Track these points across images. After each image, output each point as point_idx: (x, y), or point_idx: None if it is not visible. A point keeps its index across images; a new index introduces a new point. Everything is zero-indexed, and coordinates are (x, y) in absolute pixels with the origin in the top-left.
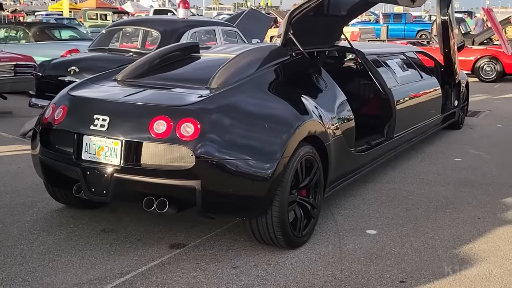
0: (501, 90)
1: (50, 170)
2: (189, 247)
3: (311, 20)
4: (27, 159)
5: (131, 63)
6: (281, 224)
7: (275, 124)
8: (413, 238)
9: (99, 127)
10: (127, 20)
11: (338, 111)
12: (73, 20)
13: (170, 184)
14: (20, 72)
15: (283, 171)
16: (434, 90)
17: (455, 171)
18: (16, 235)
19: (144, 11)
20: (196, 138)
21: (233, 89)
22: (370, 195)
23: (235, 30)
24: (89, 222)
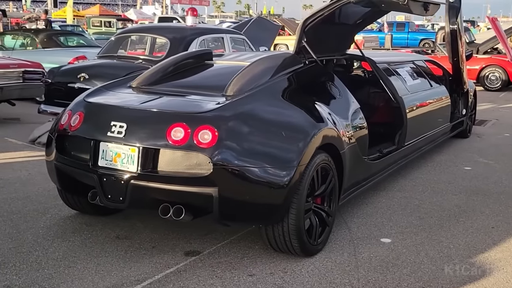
0: (506, 99)
1: (65, 177)
2: (204, 254)
3: (323, 28)
4: (37, 165)
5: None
6: (297, 232)
7: (291, 132)
8: (428, 247)
9: (116, 134)
10: (136, 27)
11: (352, 119)
12: (77, 27)
13: (187, 191)
14: (28, 78)
15: (299, 178)
16: (444, 98)
17: (465, 180)
18: (30, 241)
19: (147, 18)
20: (214, 145)
21: (249, 96)
22: (382, 203)
23: (243, 38)
24: (102, 229)
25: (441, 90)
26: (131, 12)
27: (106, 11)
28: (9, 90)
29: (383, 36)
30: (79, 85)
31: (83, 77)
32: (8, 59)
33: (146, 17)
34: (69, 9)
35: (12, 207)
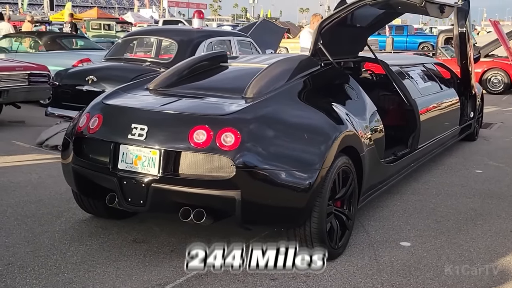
0: (510, 102)
1: (83, 179)
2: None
3: (338, 30)
4: (46, 168)
5: (153, 73)
6: (319, 236)
7: (314, 135)
8: (448, 251)
9: (137, 137)
10: (143, 30)
11: (370, 121)
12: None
13: (209, 194)
14: (34, 81)
15: (322, 181)
16: (453, 101)
17: (478, 183)
18: (47, 245)
19: (145, 21)
20: (237, 148)
21: (270, 99)
22: (398, 206)
23: (249, 41)
24: (119, 233)
25: (451, 92)
26: (129, 15)
27: (104, 14)
28: (15, 93)
29: (384, 39)
30: (87, 87)
31: (91, 80)
32: (14, 62)
33: (144, 20)
34: (67, 12)
35: (26, 210)
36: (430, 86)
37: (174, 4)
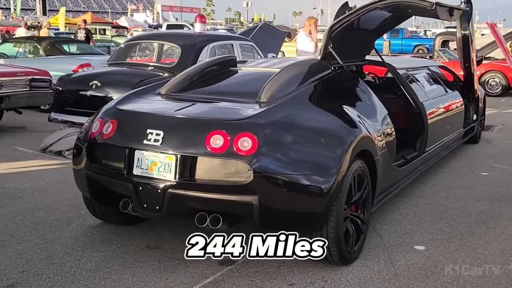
0: (508, 104)
1: (97, 185)
2: (239, 263)
3: (346, 34)
4: (52, 174)
5: (156, 77)
6: (336, 240)
7: (330, 139)
8: (463, 254)
9: (152, 142)
10: (146, 34)
11: (382, 125)
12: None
13: (226, 200)
14: (35, 86)
15: (339, 186)
16: (458, 104)
17: (485, 185)
18: (60, 252)
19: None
20: (254, 152)
21: (285, 103)
22: (408, 210)
23: (251, 44)
24: (131, 239)
25: (456, 95)
26: (123, 20)
27: (98, 18)
28: (17, 98)
29: (381, 42)
30: (91, 92)
31: (95, 85)
32: (15, 67)
33: (138, 25)
34: (61, 17)
35: (35, 217)
36: (436, 89)
37: (168, 9)
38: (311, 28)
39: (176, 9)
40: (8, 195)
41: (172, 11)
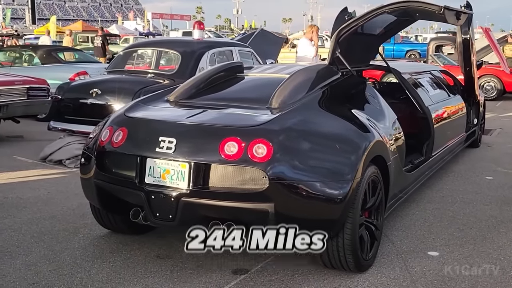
0: (504, 108)
1: (106, 194)
2: (252, 272)
3: (353, 39)
4: (54, 183)
5: (157, 85)
6: (352, 247)
7: (345, 144)
8: (478, 260)
9: (165, 150)
10: (145, 41)
11: (393, 130)
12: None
13: (241, 208)
14: (33, 95)
15: (355, 192)
16: (461, 108)
17: (491, 190)
18: (69, 263)
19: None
20: (269, 159)
21: (298, 109)
22: (417, 215)
23: (250, 51)
24: (140, 248)
25: (458, 99)
26: (114, 28)
27: (89, 27)
28: (14, 107)
29: None
30: (91, 100)
31: (95, 93)
32: (13, 76)
33: (129, 32)
34: (52, 25)
35: (41, 227)
36: (439, 94)
37: (158, 16)
38: (313, 35)
39: (166, 17)
40: (12, 205)
41: (162, 18)
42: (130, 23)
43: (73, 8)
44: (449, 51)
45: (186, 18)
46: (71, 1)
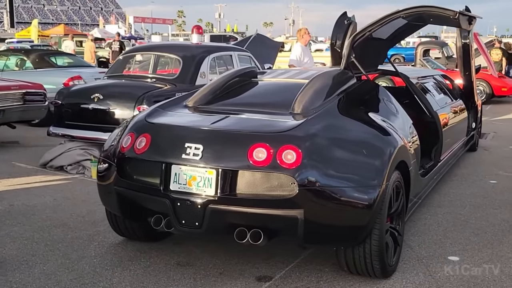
0: (494, 112)
1: (127, 202)
2: (276, 279)
3: (365, 43)
4: (59, 190)
5: (160, 89)
6: (380, 253)
7: (372, 150)
8: (499, 264)
9: (191, 156)
10: (144, 46)
11: (410, 134)
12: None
13: (270, 214)
14: (29, 100)
15: (382, 198)
16: (463, 112)
17: (498, 193)
18: (89, 271)
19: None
20: (298, 165)
21: (323, 114)
22: (430, 220)
23: (249, 55)
24: (159, 256)
25: (460, 103)
26: (95, 32)
27: (71, 30)
28: (10, 112)
29: None
30: (93, 105)
31: (97, 98)
32: (9, 81)
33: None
34: (34, 29)
35: (53, 235)
36: (444, 98)
37: (140, 20)
38: (305, 39)
39: (148, 21)
40: (19, 212)
41: (144, 22)
42: (111, 26)
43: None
44: (436, 55)
45: (168, 22)
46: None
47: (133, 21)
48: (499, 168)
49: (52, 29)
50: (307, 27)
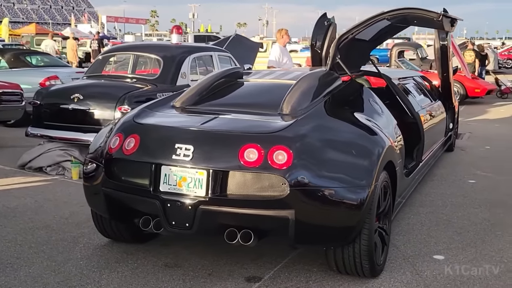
0: (468, 112)
1: (116, 203)
2: (265, 279)
3: (350, 45)
4: (39, 191)
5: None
6: (369, 253)
7: (361, 151)
8: (483, 262)
9: (182, 157)
10: (124, 46)
11: (396, 135)
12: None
13: (261, 215)
14: (6, 100)
15: (371, 198)
16: (442, 113)
17: (477, 193)
18: (76, 274)
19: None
20: (289, 166)
21: (312, 115)
22: (412, 219)
23: (229, 56)
24: (146, 257)
25: (439, 104)
26: (68, 31)
27: (42, 29)
28: None
29: None
30: (73, 106)
31: (77, 98)
32: None
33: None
34: (5, 28)
35: (37, 237)
36: (424, 99)
37: (113, 19)
38: (284, 40)
39: (121, 20)
40: (0, 214)
41: (117, 22)
42: (84, 26)
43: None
44: (411, 57)
45: (142, 22)
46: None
47: (106, 20)
48: (477, 168)
49: (23, 28)
50: (287, 29)
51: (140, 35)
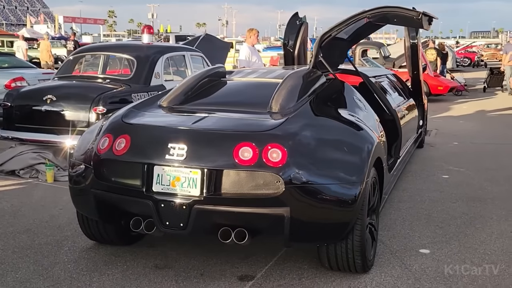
0: (433, 110)
1: (106, 205)
2: (258, 278)
3: (330, 43)
4: (14, 195)
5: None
6: (361, 249)
7: (352, 148)
8: (468, 255)
9: (175, 157)
10: (95, 46)
11: (379, 131)
12: None
13: (257, 213)
14: None
15: (363, 194)
16: (414, 110)
17: (452, 188)
18: (65, 278)
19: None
20: (284, 163)
21: (302, 113)
22: (394, 215)
23: (201, 55)
24: (135, 259)
25: (412, 102)
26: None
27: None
28: None
29: None
30: (46, 107)
31: (50, 99)
32: None
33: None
34: None
35: (19, 241)
36: (398, 96)
37: (71, 20)
38: (252, 40)
39: (79, 21)
40: None
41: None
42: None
43: None
44: (374, 56)
45: (100, 22)
46: None
47: (63, 21)
48: (448, 163)
49: None
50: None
51: (98, 36)
